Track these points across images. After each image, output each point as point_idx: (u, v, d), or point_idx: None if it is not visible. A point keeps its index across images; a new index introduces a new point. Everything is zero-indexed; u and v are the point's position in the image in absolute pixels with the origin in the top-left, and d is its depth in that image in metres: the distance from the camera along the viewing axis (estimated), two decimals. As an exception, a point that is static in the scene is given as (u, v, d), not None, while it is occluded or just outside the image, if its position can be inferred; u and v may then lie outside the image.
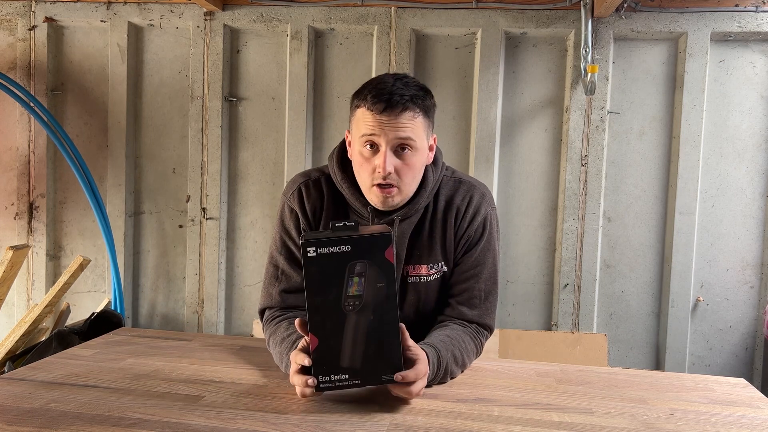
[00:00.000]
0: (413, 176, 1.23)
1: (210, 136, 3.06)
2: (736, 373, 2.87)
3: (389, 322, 1.00)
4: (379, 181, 1.20)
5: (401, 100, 1.17)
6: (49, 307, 2.74)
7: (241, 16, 2.99)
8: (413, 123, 1.19)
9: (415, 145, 1.20)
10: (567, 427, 0.96)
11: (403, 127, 1.18)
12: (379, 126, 1.17)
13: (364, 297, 0.99)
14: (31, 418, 0.92)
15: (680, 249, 2.84)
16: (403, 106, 1.17)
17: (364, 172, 1.22)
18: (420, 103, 1.20)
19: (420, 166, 1.24)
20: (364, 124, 1.19)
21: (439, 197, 1.32)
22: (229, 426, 0.92)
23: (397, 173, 1.20)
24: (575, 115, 2.86)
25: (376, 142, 1.19)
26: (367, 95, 1.19)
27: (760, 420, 1.03)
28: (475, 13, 2.88)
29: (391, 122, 1.17)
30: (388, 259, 0.99)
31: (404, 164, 1.20)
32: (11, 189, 3.17)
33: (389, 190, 1.21)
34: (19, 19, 3.09)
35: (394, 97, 1.17)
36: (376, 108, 1.17)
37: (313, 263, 0.98)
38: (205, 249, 3.09)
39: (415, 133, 1.19)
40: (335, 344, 1.00)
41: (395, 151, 1.19)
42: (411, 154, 1.20)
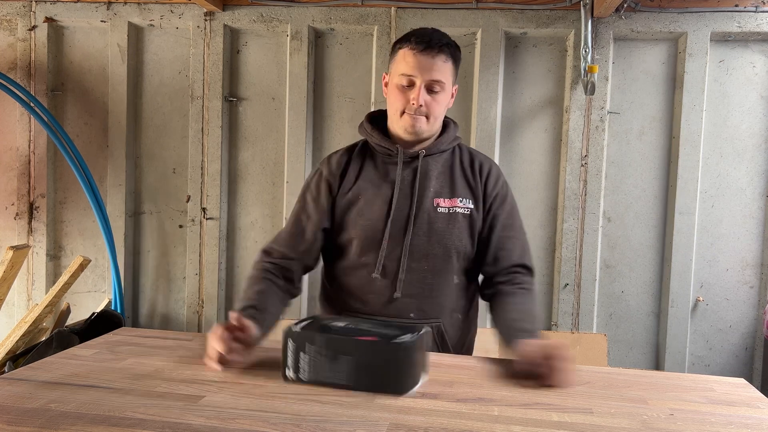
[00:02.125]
0: (440, 111, 1.42)
1: (210, 136, 3.06)
2: (736, 373, 2.87)
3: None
4: (412, 111, 1.39)
5: (438, 44, 1.38)
6: (49, 307, 2.74)
7: (241, 16, 2.99)
8: (445, 66, 1.39)
9: (444, 87, 1.39)
10: (567, 427, 0.96)
11: (437, 68, 1.37)
12: (418, 65, 1.37)
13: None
14: (31, 418, 0.92)
15: (680, 249, 2.84)
16: (439, 49, 1.37)
17: (398, 101, 1.41)
18: (452, 52, 1.41)
19: (444, 106, 1.43)
20: (405, 63, 1.38)
21: (464, 152, 1.52)
22: (229, 426, 0.92)
23: (426, 106, 1.39)
24: (575, 115, 2.86)
25: (414, 78, 1.38)
26: (410, 36, 1.40)
27: (760, 420, 1.03)
28: (475, 13, 2.88)
29: (428, 62, 1.37)
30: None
31: (433, 100, 1.39)
32: (11, 189, 3.17)
33: (419, 117, 1.40)
34: (20, 19, 3.09)
35: (433, 40, 1.38)
36: (418, 47, 1.37)
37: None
38: (205, 249, 3.09)
39: (445, 76, 1.39)
40: None
41: (428, 89, 1.38)
42: (439, 94, 1.40)
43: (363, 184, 1.46)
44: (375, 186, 1.45)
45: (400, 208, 1.42)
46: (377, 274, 1.41)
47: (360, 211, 1.44)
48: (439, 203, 1.43)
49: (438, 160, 1.47)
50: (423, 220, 1.41)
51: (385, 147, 1.46)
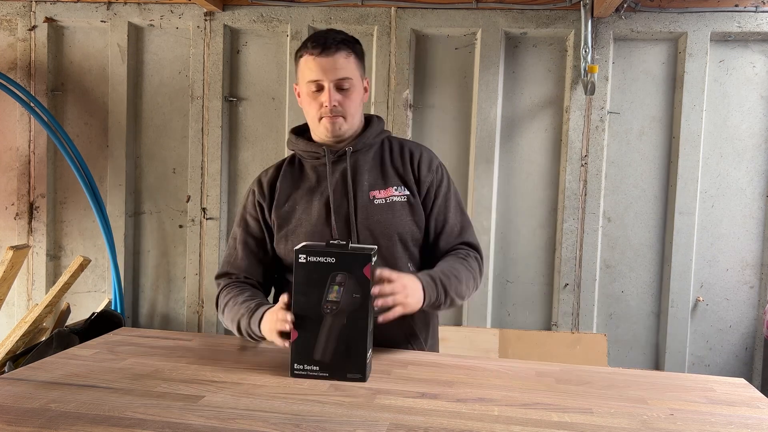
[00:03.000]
0: (355, 108, 1.43)
1: (210, 136, 3.06)
2: (736, 373, 2.87)
3: (360, 328, 1.15)
4: (326, 114, 1.40)
5: (334, 42, 1.39)
6: (49, 307, 2.74)
7: (241, 16, 2.99)
8: (347, 62, 1.40)
9: (352, 82, 1.41)
10: (567, 427, 0.96)
11: (340, 66, 1.39)
12: (321, 69, 1.38)
13: (341, 303, 1.14)
14: (31, 418, 0.92)
15: (680, 249, 2.84)
16: (336, 48, 1.39)
17: (312, 109, 1.42)
18: (351, 46, 1.42)
19: (359, 100, 1.45)
20: (308, 70, 1.40)
21: (393, 142, 1.53)
22: (229, 426, 0.92)
23: (341, 105, 1.40)
24: (575, 115, 2.86)
25: (321, 82, 1.39)
26: (306, 43, 1.41)
27: (760, 420, 1.03)
28: (475, 13, 2.88)
29: (330, 64, 1.38)
30: (365, 275, 1.14)
31: (345, 98, 1.41)
32: (11, 189, 3.17)
33: (336, 118, 1.41)
34: (20, 20, 3.09)
35: (328, 40, 1.39)
36: (315, 51, 1.38)
37: (302, 268, 1.15)
38: (205, 249, 3.09)
39: (350, 72, 1.40)
40: (311, 339, 1.15)
41: (337, 88, 1.39)
42: (350, 90, 1.41)
43: (297, 194, 1.47)
44: (309, 192, 1.46)
45: (339, 207, 1.42)
46: None
47: (299, 220, 1.44)
48: (375, 195, 1.43)
49: (367, 154, 1.48)
50: (362, 214, 1.42)
51: (311, 151, 1.47)
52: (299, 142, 1.50)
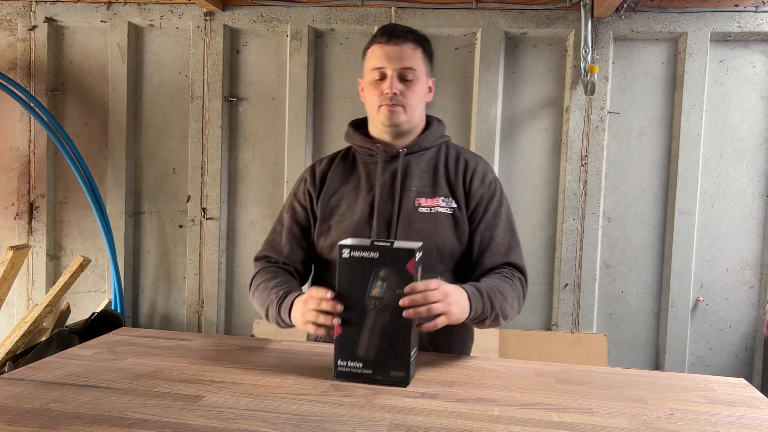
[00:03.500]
0: (416, 101, 1.40)
1: (210, 136, 3.06)
2: (736, 373, 2.87)
3: (403, 325, 1.11)
4: (386, 102, 1.37)
5: (403, 33, 1.39)
6: (49, 307, 2.74)
7: (241, 16, 2.99)
8: (414, 54, 1.39)
9: (416, 74, 1.38)
10: (567, 427, 0.96)
11: (406, 56, 1.37)
12: (386, 57, 1.37)
13: (384, 299, 1.11)
14: (31, 418, 0.92)
15: (680, 249, 2.84)
16: (404, 37, 1.38)
17: (373, 96, 1.40)
18: (419, 40, 1.41)
19: (421, 95, 1.42)
20: (374, 58, 1.39)
21: (450, 150, 1.49)
22: (229, 426, 0.92)
23: (402, 95, 1.38)
24: (575, 115, 2.86)
25: (384, 69, 1.37)
26: (376, 33, 1.42)
27: (760, 420, 1.03)
28: (475, 13, 2.88)
29: (396, 52, 1.37)
30: (408, 270, 1.10)
31: (407, 89, 1.38)
32: (11, 189, 3.17)
33: (395, 107, 1.38)
34: (20, 20, 3.09)
35: (397, 30, 1.39)
36: (383, 39, 1.38)
37: (346, 264, 1.12)
38: (205, 249, 3.09)
39: (415, 63, 1.38)
40: (355, 335, 1.13)
41: (400, 78, 1.37)
42: (413, 82, 1.39)
43: (345, 189, 1.45)
44: (357, 189, 1.44)
45: (383, 209, 1.40)
46: None
47: (342, 216, 1.42)
48: (420, 203, 1.40)
49: (421, 158, 1.45)
50: (404, 221, 1.39)
51: (366, 147, 1.46)
52: (356, 136, 1.49)
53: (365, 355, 1.12)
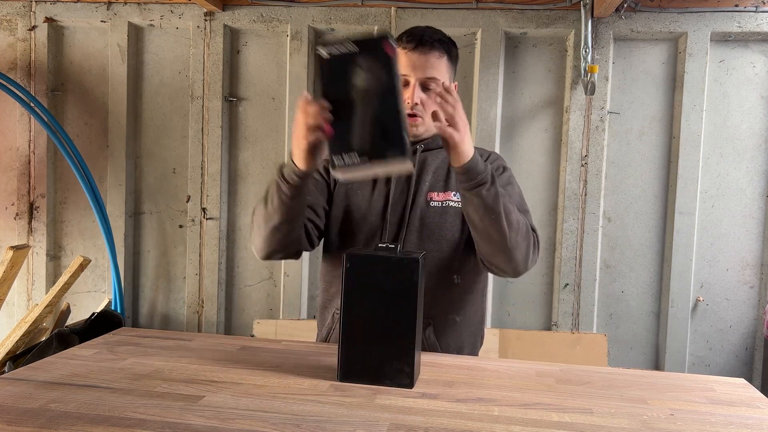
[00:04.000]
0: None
1: (210, 136, 3.06)
2: (736, 373, 2.87)
3: (390, 108, 1.11)
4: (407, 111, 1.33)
5: (430, 41, 1.37)
6: (49, 307, 2.74)
7: (241, 16, 2.99)
8: (439, 62, 1.38)
9: (439, 83, 1.37)
10: (567, 427, 0.96)
11: (431, 65, 1.36)
12: (411, 65, 1.36)
13: (368, 87, 1.11)
14: (31, 418, 0.92)
15: (680, 249, 2.84)
16: (431, 46, 1.36)
17: None
18: (446, 47, 1.40)
19: None
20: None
21: None
22: (229, 426, 0.92)
23: (423, 105, 1.37)
24: (575, 116, 2.86)
25: (408, 78, 1.36)
26: (402, 36, 1.39)
27: (760, 420, 1.03)
28: (475, 13, 2.88)
29: (421, 61, 1.36)
30: (387, 52, 1.10)
31: (429, 98, 1.37)
32: (11, 189, 3.17)
33: (415, 119, 1.39)
34: (20, 20, 3.09)
35: (424, 37, 1.37)
36: (409, 45, 1.36)
37: (326, 64, 1.11)
38: (205, 249, 3.09)
39: (439, 72, 1.38)
40: (346, 129, 1.12)
41: (422, 87, 1.37)
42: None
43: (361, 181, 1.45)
44: (373, 181, 1.45)
45: (396, 203, 1.41)
46: None
47: (357, 206, 1.43)
48: (432, 197, 1.41)
49: (437, 155, 1.46)
50: (416, 216, 1.40)
51: None
52: None
53: (360, 143, 1.11)
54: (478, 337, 1.53)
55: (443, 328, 1.42)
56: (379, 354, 1.12)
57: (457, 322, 1.44)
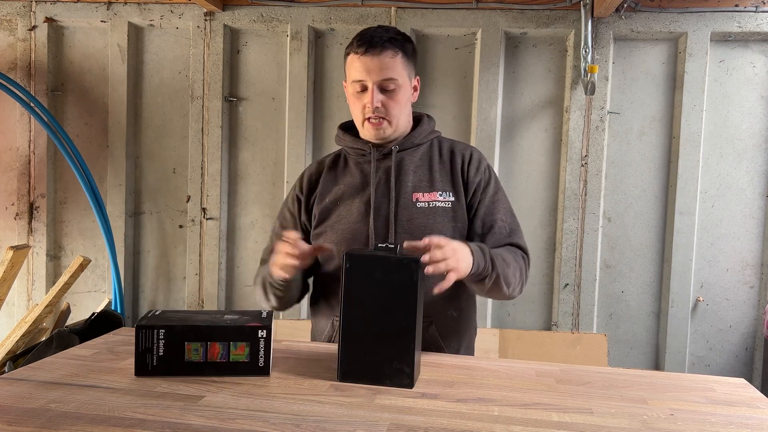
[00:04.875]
0: (399, 110, 1.40)
1: (210, 136, 3.06)
2: (736, 373, 2.87)
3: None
4: (369, 115, 1.38)
5: (380, 41, 1.35)
6: (49, 307, 2.74)
7: (241, 16, 2.99)
8: (393, 62, 1.36)
9: (397, 82, 1.37)
10: (567, 427, 0.96)
11: (385, 66, 1.35)
12: (365, 69, 1.35)
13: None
14: (31, 418, 0.92)
15: (680, 249, 2.84)
16: (383, 47, 1.35)
17: (356, 110, 1.42)
18: (399, 45, 1.37)
19: (405, 101, 1.41)
20: (353, 70, 1.38)
21: (443, 144, 1.50)
22: (229, 426, 0.92)
23: (384, 107, 1.37)
24: (575, 115, 2.86)
25: (365, 82, 1.37)
26: (353, 42, 1.38)
27: (761, 420, 1.03)
28: (475, 13, 2.88)
29: (375, 64, 1.35)
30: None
31: (389, 99, 1.38)
32: (11, 189, 3.17)
33: (379, 123, 1.39)
34: (20, 20, 3.09)
35: (374, 39, 1.35)
36: (360, 50, 1.35)
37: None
38: (205, 249, 3.09)
39: (396, 71, 1.36)
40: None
41: (381, 89, 1.37)
42: (395, 91, 1.38)
43: (340, 189, 1.46)
44: (352, 189, 1.44)
45: (380, 206, 1.40)
46: None
47: (339, 217, 1.43)
48: (418, 198, 1.41)
49: (414, 154, 1.46)
50: (403, 217, 1.40)
51: (357, 148, 1.46)
52: (346, 138, 1.49)
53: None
54: (473, 327, 1.56)
55: (443, 323, 1.44)
56: (379, 354, 1.12)
57: (455, 317, 1.46)
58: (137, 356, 1.13)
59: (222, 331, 1.14)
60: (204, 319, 1.17)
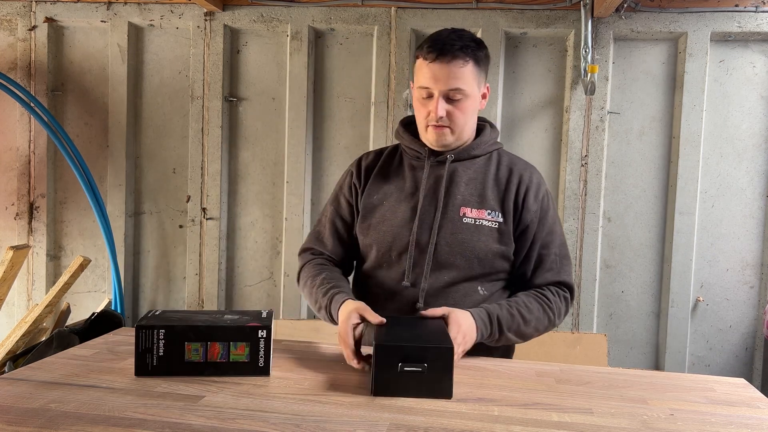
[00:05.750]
0: (465, 120, 1.37)
1: (210, 136, 3.06)
2: (736, 373, 2.87)
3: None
4: (433, 123, 1.35)
5: (451, 50, 1.30)
6: (49, 307, 2.74)
7: (241, 16, 2.99)
8: (463, 71, 1.32)
9: (464, 92, 1.33)
10: (567, 427, 0.96)
11: (454, 76, 1.31)
12: (433, 78, 1.32)
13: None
14: (31, 418, 0.92)
15: (680, 249, 2.84)
16: (453, 55, 1.30)
17: (420, 115, 1.38)
18: (470, 53, 1.33)
19: (471, 110, 1.37)
20: (421, 75, 1.34)
21: (502, 159, 1.46)
22: (229, 426, 0.92)
23: (449, 116, 1.34)
24: (575, 115, 2.86)
25: (431, 90, 1.33)
26: (423, 46, 1.34)
27: (760, 420, 1.03)
28: (475, 13, 2.88)
29: (443, 73, 1.31)
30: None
31: (455, 108, 1.34)
32: (11, 189, 3.17)
33: (442, 129, 1.36)
34: (20, 20, 3.09)
35: (445, 46, 1.31)
36: (429, 57, 1.31)
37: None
38: (205, 249, 3.09)
39: (464, 81, 1.32)
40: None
41: (447, 98, 1.33)
42: (462, 100, 1.34)
43: (389, 188, 1.44)
44: (401, 190, 1.43)
45: (425, 214, 1.38)
46: (407, 283, 1.37)
47: (383, 217, 1.41)
48: (466, 212, 1.38)
49: (469, 166, 1.42)
50: (447, 229, 1.37)
51: (414, 149, 1.45)
52: (405, 136, 1.47)
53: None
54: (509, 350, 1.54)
55: None
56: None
57: None
58: (137, 356, 1.13)
59: (222, 331, 1.14)
60: (204, 319, 1.17)
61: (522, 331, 1.33)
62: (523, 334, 1.34)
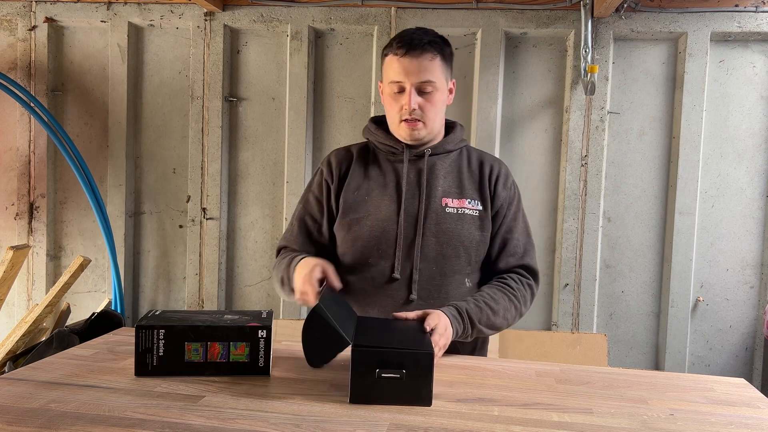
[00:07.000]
0: (435, 112, 1.41)
1: (210, 136, 3.06)
2: (736, 373, 2.87)
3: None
4: (405, 116, 1.39)
5: (420, 44, 1.36)
6: (49, 307, 2.74)
7: (241, 16, 2.99)
8: (432, 65, 1.37)
9: (435, 85, 1.38)
10: (567, 427, 0.96)
11: (424, 69, 1.36)
12: (404, 71, 1.36)
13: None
14: (31, 418, 0.92)
15: (680, 249, 2.84)
16: (422, 49, 1.36)
17: (392, 110, 1.42)
18: (438, 47, 1.39)
19: (441, 104, 1.43)
20: (392, 71, 1.38)
21: (471, 153, 1.52)
22: (229, 426, 0.92)
23: (420, 109, 1.38)
24: (575, 116, 2.86)
25: (402, 84, 1.37)
26: (392, 43, 1.39)
27: (760, 420, 1.03)
28: (475, 13, 2.88)
29: (414, 66, 1.36)
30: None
31: (426, 102, 1.39)
32: (11, 189, 3.17)
33: (415, 124, 1.40)
34: (20, 20, 3.09)
35: (414, 41, 1.36)
36: (400, 51, 1.36)
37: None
38: (205, 249, 3.09)
39: (434, 74, 1.38)
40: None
41: (419, 91, 1.38)
42: (432, 93, 1.39)
43: (369, 184, 1.45)
44: (382, 186, 1.44)
45: (409, 207, 1.41)
46: (397, 275, 1.39)
47: (367, 212, 1.43)
48: (448, 203, 1.42)
49: (445, 159, 1.47)
50: (432, 220, 1.40)
51: (390, 145, 1.47)
52: (379, 133, 1.49)
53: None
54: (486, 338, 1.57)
55: None
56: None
57: None
58: (137, 356, 1.13)
59: (222, 331, 1.14)
60: (204, 319, 1.17)
61: (492, 322, 1.36)
62: (494, 324, 1.37)
